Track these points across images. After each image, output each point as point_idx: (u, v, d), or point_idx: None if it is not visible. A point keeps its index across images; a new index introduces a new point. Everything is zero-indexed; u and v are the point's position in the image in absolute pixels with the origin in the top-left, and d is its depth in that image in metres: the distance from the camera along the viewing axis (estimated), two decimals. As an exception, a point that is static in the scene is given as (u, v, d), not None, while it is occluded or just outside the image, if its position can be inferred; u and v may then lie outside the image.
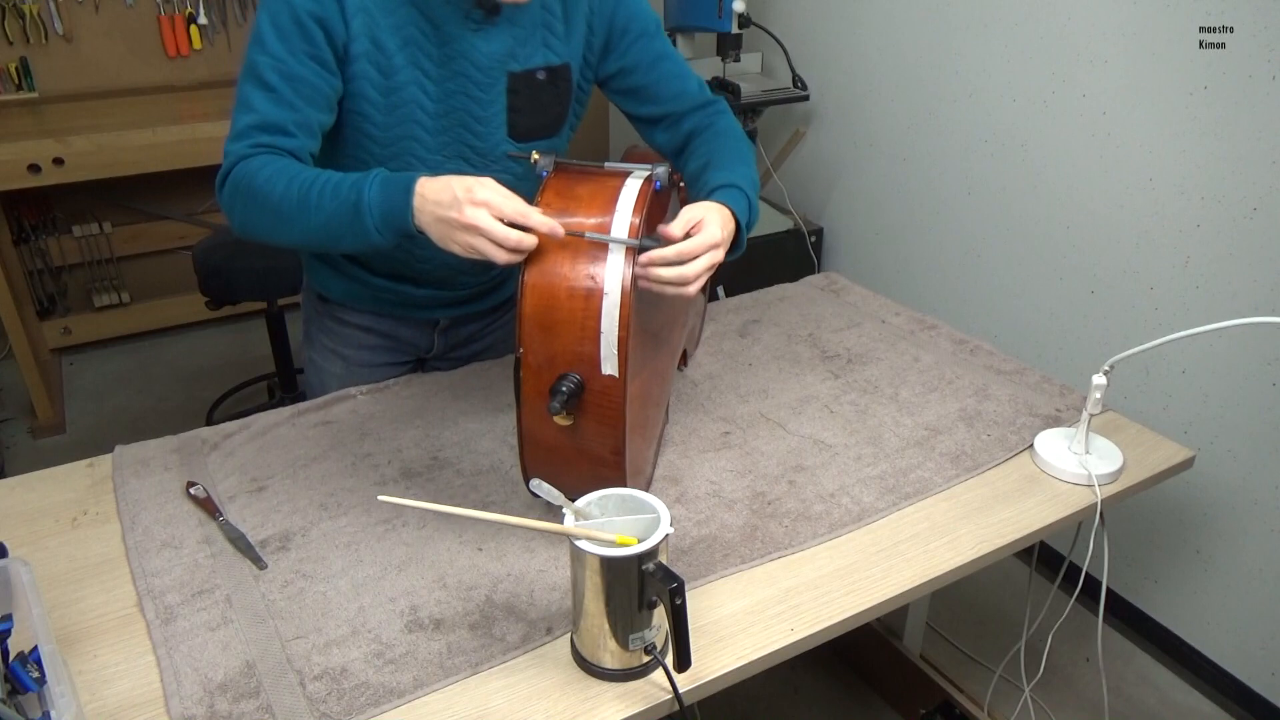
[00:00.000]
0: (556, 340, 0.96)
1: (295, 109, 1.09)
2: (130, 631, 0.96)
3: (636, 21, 1.26)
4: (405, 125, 1.17)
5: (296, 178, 1.04)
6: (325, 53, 1.09)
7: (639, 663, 0.91)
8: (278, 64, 1.08)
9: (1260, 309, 1.70)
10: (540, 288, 0.96)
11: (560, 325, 0.95)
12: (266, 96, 1.08)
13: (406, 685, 0.89)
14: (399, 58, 1.13)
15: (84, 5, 2.92)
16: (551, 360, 0.97)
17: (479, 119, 1.20)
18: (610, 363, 0.96)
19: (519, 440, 1.04)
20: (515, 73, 1.20)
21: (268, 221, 1.07)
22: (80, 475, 1.21)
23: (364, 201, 1.00)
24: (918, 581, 1.05)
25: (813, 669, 1.94)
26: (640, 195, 0.99)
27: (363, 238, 1.02)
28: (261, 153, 1.08)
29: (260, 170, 1.05)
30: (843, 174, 2.67)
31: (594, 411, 0.99)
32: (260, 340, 2.97)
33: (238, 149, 1.08)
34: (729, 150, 1.23)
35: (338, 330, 1.43)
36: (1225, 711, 1.90)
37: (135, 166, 2.67)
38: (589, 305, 0.95)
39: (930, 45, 2.28)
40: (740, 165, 1.19)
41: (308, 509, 1.14)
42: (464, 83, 1.18)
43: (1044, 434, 1.29)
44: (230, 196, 1.08)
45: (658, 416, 1.22)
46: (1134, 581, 2.05)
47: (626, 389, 0.97)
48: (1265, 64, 1.60)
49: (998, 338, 2.27)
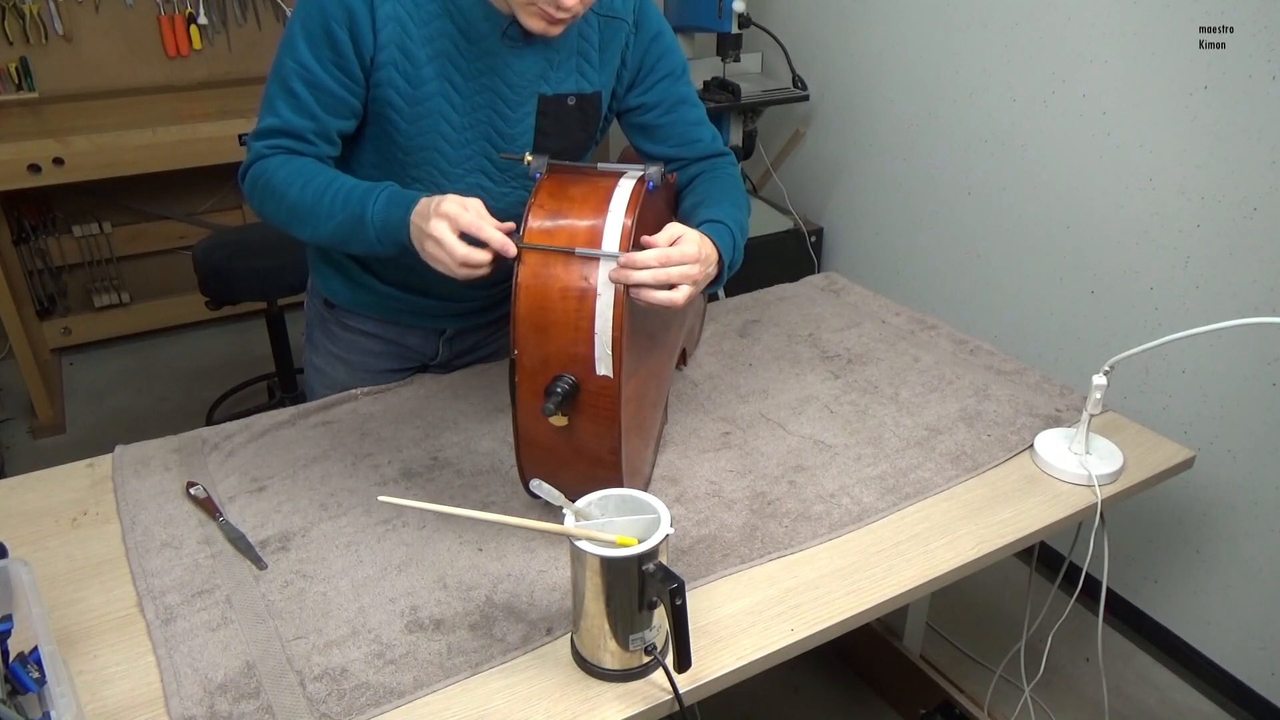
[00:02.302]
0: (550, 341, 0.96)
1: (315, 119, 1.15)
2: (130, 632, 0.96)
3: (666, 61, 1.28)
4: (429, 135, 1.19)
5: (312, 181, 1.11)
6: (351, 63, 1.13)
7: (639, 663, 0.91)
8: (304, 72, 1.12)
9: (1260, 309, 1.70)
10: (534, 289, 0.96)
11: (554, 326, 0.96)
12: (289, 103, 1.14)
13: (406, 686, 0.90)
14: (428, 69, 1.15)
15: (84, 5, 2.92)
16: (546, 361, 0.97)
17: (505, 135, 1.22)
18: (604, 363, 0.96)
19: (515, 441, 1.04)
20: (546, 96, 1.21)
21: (284, 217, 1.15)
22: (80, 475, 1.21)
23: (368, 214, 1.07)
24: (918, 581, 1.05)
25: (813, 669, 1.94)
26: (633, 196, 0.99)
27: (366, 245, 1.10)
28: (280, 153, 1.15)
29: (279, 170, 1.13)
30: (843, 174, 2.67)
31: (589, 412, 0.99)
32: (260, 340, 2.97)
33: (258, 148, 1.16)
34: (724, 194, 1.23)
35: (342, 336, 1.43)
36: (1225, 711, 1.90)
37: (135, 166, 2.67)
38: (582, 306, 0.95)
39: (930, 45, 2.28)
40: (732, 208, 1.19)
41: (308, 509, 1.14)
42: (492, 98, 1.19)
43: (1044, 434, 1.29)
44: (250, 188, 1.17)
45: (655, 417, 1.22)
46: (1134, 581, 2.05)
47: (621, 389, 0.97)
48: (1265, 64, 1.60)
49: (998, 338, 2.27)
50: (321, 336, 1.45)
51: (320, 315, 1.45)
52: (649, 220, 1.05)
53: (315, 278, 1.43)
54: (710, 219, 1.14)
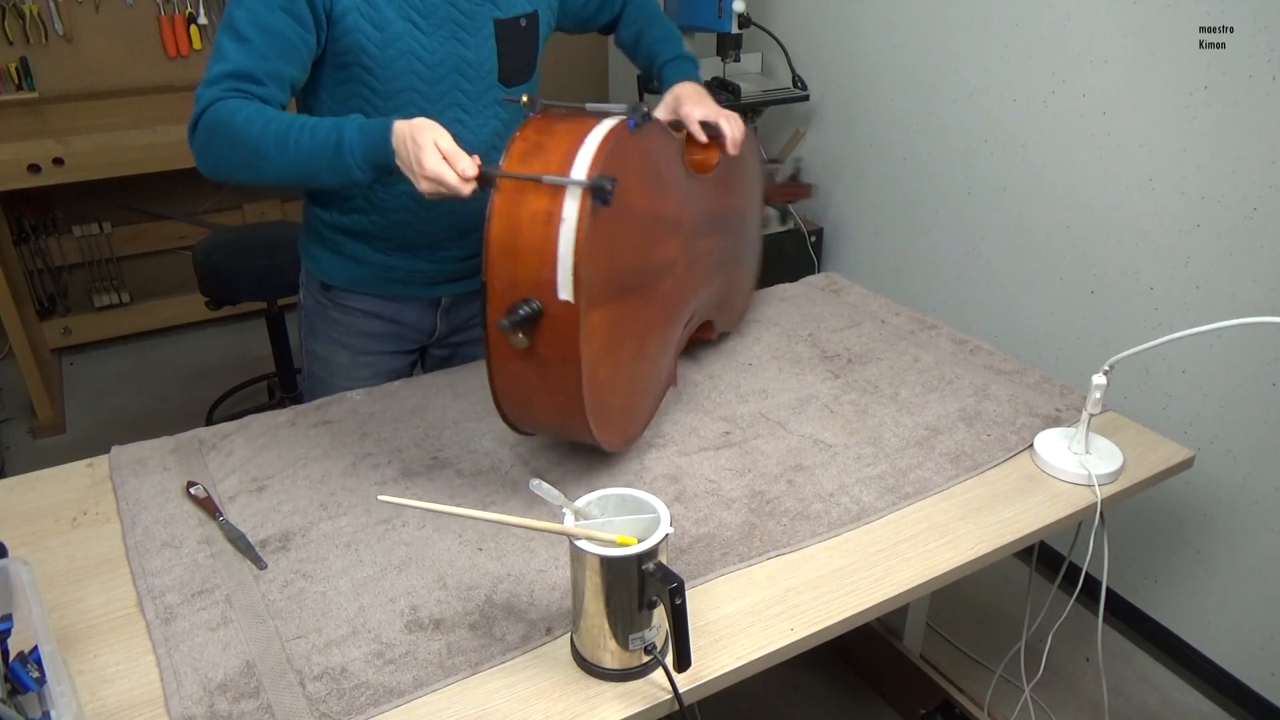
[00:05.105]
0: (519, 266, 1.00)
1: (267, 59, 1.15)
2: (130, 631, 0.96)
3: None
4: (405, 76, 1.23)
5: (274, 119, 1.11)
6: (302, 7, 1.14)
7: (639, 663, 0.91)
8: (253, 16, 1.14)
9: (1260, 309, 1.70)
10: (505, 214, 1.00)
11: (522, 251, 1.00)
12: (240, 47, 1.14)
13: (406, 685, 0.90)
14: (389, 10, 1.19)
15: (84, 5, 2.92)
16: (514, 285, 1.01)
17: (470, 63, 1.27)
18: (566, 288, 0.99)
19: (488, 372, 1.07)
20: (501, 20, 1.28)
21: (241, 158, 1.13)
22: (80, 475, 1.21)
23: (345, 142, 1.08)
24: (917, 581, 1.05)
25: (813, 669, 1.94)
26: (610, 133, 1.02)
27: (343, 174, 1.10)
28: (234, 96, 1.14)
29: (237, 111, 1.12)
30: (842, 174, 2.67)
31: (551, 337, 1.02)
32: (260, 340, 2.97)
33: (210, 93, 1.14)
34: (657, 20, 1.50)
35: (341, 319, 1.44)
36: (1225, 711, 1.90)
37: (135, 166, 2.67)
38: (548, 230, 0.98)
39: (930, 45, 2.28)
40: (673, 36, 1.49)
41: (308, 509, 1.14)
42: (454, 29, 1.24)
43: (1044, 434, 1.29)
44: (204, 136, 1.14)
45: (649, 370, 1.22)
46: (1134, 581, 2.05)
47: (582, 316, 0.99)
48: (1265, 64, 1.60)
49: (998, 338, 2.27)
50: (320, 323, 1.46)
51: (317, 302, 1.46)
52: (636, 164, 1.08)
53: (308, 262, 1.45)
54: (672, 57, 1.46)
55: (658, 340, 1.24)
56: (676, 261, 1.23)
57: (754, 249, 1.60)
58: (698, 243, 1.30)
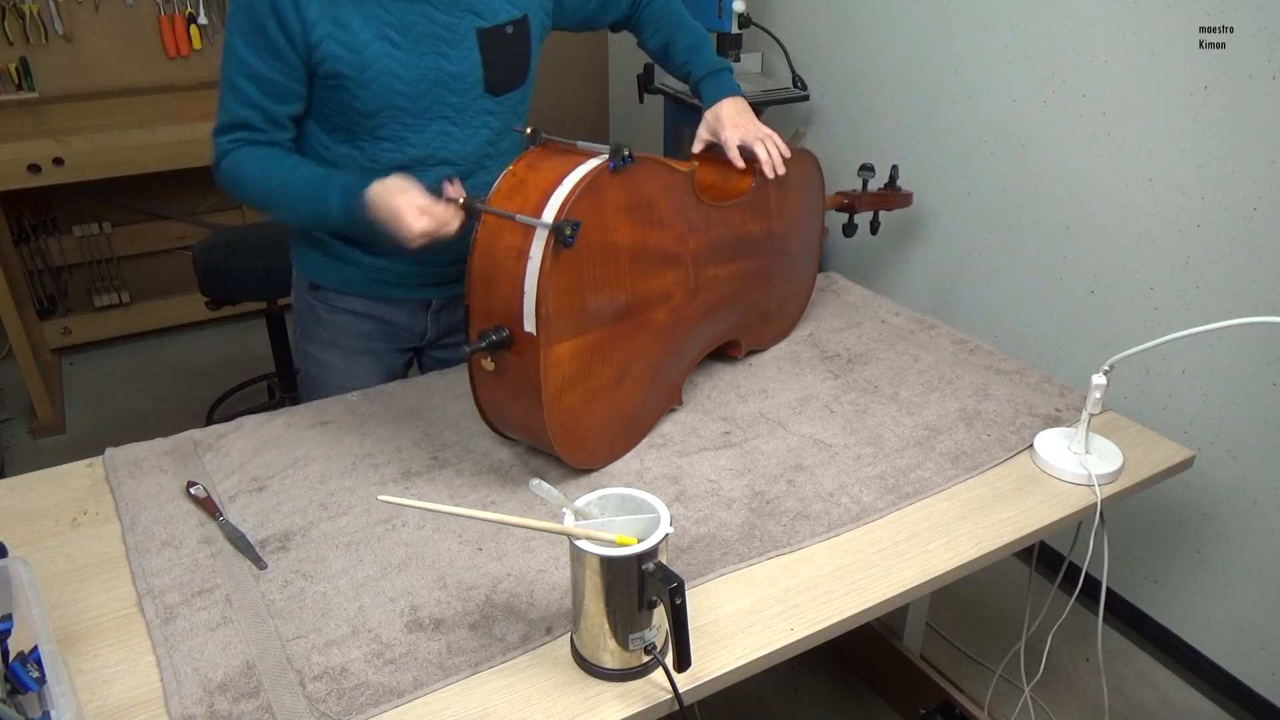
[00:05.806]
0: (494, 294, 1.08)
1: (261, 108, 1.23)
2: (130, 631, 0.96)
3: None
4: (386, 95, 1.24)
5: (274, 171, 1.23)
6: (284, 49, 1.19)
7: (639, 663, 0.91)
8: (242, 65, 1.20)
9: (1260, 309, 1.70)
10: (485, 246, 1.09)
11: (498, 281, 1.08)
12: (236, 98, 1.22)
13: (406, 685, 0.90)
14: (365, 33, 1.19)
15: (84, 5, 2.92)
16: (490, 312, 1.09)
17: (453, 76, 1.27)
18: (530, 321, 1.06)
19: (470, 381, 1.17)
20: (484, 29, 1.27)
21: (258, 204, 1.28)
22: (80, 475, 1.21)
23: (329, 210, 1.20)
24: (917, 581, 1.05)
25: (813, 669, 1.94)
26: (586, 175, 1.07)
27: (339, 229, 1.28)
28: (240, 146, 1.24)
29: (242, 164, 1.24)
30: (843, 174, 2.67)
31: (516, 363, 1.09)
32: (260, 340, 2.97)
33: (221, 144, 1.26)
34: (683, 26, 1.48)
35: (332, 320, 1.44)
36: (1225, 711, 1.90)
37: (135, 166, 2.67)
38: (518, 266, 1.06)
39: (930, 45, 2.28)
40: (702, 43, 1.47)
41: (308, 509, 1.14)
42: (434, 43, 1.24)
43: (1044, 434, 1.29)
44: (225, 182, 1.27)
45: (638, 396, 1.24)
46: (1134, 581, 2.05)
47: (542, 349, 1.06)
48: (1265, 64, 1.60)
49: (998, 338, 2.27)
50: (313, 325, 1.46)
51: (308, 303, 1.46)
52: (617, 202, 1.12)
53: (298, 263, 1.45)
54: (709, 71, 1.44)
55: (648, 366, 1.25)
56: (671, 292, 1.24)
57: (803, 267, 1.58)
58: (705, 271, 1.30)
